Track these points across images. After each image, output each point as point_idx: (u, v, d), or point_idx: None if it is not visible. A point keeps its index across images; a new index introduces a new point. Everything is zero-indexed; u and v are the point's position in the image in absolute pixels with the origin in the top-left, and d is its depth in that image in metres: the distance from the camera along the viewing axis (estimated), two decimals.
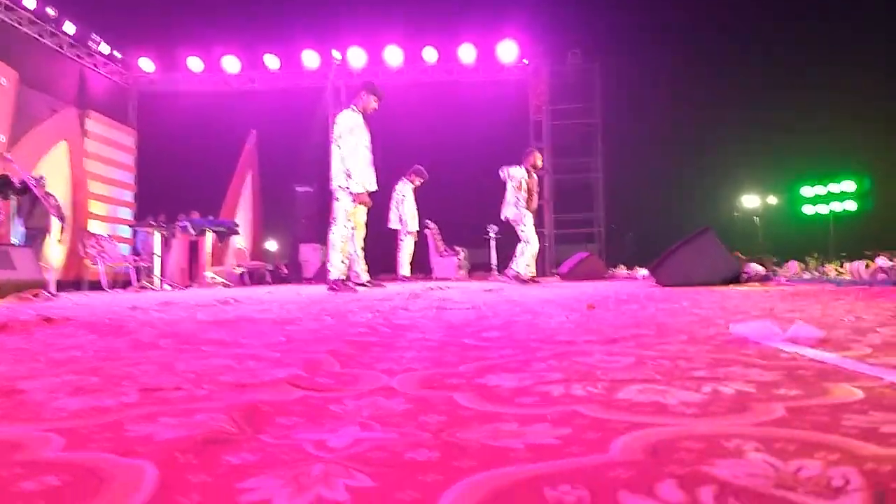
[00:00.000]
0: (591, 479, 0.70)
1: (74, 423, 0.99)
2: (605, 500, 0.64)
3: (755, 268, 6.49)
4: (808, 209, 16.56)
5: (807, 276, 6.17)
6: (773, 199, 17.47)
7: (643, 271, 9.97)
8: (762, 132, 14.63)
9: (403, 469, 0.77)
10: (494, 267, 11.43)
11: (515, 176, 8.48)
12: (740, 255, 7.06)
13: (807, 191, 16.76)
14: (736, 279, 6.09)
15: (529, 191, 8.47)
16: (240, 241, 12.06)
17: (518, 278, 8.38)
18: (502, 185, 8.90)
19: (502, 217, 8.73)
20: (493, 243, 11.31)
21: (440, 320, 2.84)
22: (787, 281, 6.12)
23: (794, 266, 6.38)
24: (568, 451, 0.81)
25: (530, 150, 9.05)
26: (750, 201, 17.46)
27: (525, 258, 8.45)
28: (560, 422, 0.96)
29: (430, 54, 13.73)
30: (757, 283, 6.03)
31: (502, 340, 2.05)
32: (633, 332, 2.18)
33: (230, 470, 0.77)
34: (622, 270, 11.51)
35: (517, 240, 9.02)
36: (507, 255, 11.44)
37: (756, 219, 17.07)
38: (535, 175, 8.64)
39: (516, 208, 8.48)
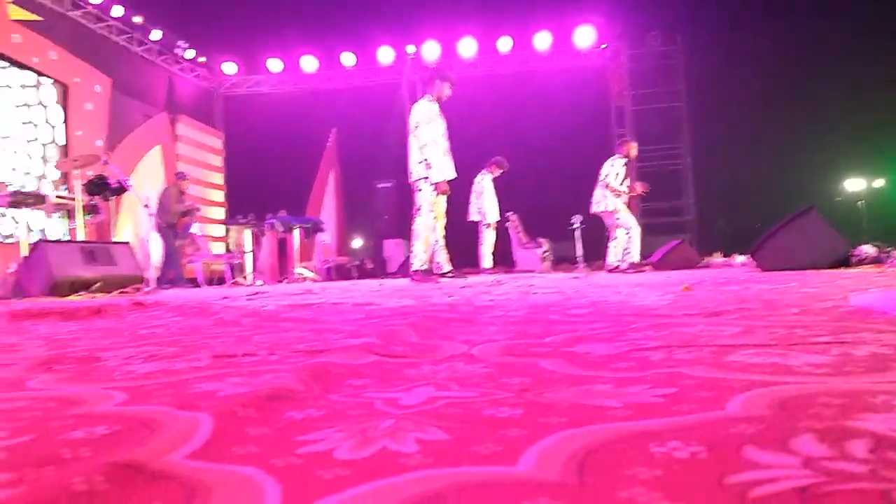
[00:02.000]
0: (707, 435, 0.58)
1: (141, 383, 0.95)
2: (727, 455, 0.52)
3: (866, 249, 5.97)
4: None
5: None
6: (879, 182, 16.20)
7: (741, 258, 9.45)
8: (866, 110, 13.53)
9: (482, 424, 0.67)
10: (580, 259, 11.15)
11: (611, 170, 8.19)
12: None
13: None
14: (845, 261, 5.63)
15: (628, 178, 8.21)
16: (325, 238, 12.31)
17: (633, 266, 8.12)
18: (586, 175, 8.63)
19: (592, 211, 8.48)
20: (577, 234, 11.03)
21: (524, 301, 2.73)
22: None
23: None
24: (676, 410, 0.69)
25: (625, 140, 8.73)
26: (854, 185, 16.23)
27: (634, 245, 8.18)
28: (663, 382, 0.84)
29: (504, 44, 13.53)
30: (869, 266, 5.55)
31: (592, 316, 1.92)
32: (736, 307, 1.99)
33: (292, 424, 0.70)
34: (718, 258, 10.96)
35: (603, 230, 8.73)
36: (593, 245, 11.14)
37: (860, 203, 15.88)
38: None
39: (605, 201, 8.21)
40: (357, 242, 15.29)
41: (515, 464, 0.54)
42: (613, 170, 8.15)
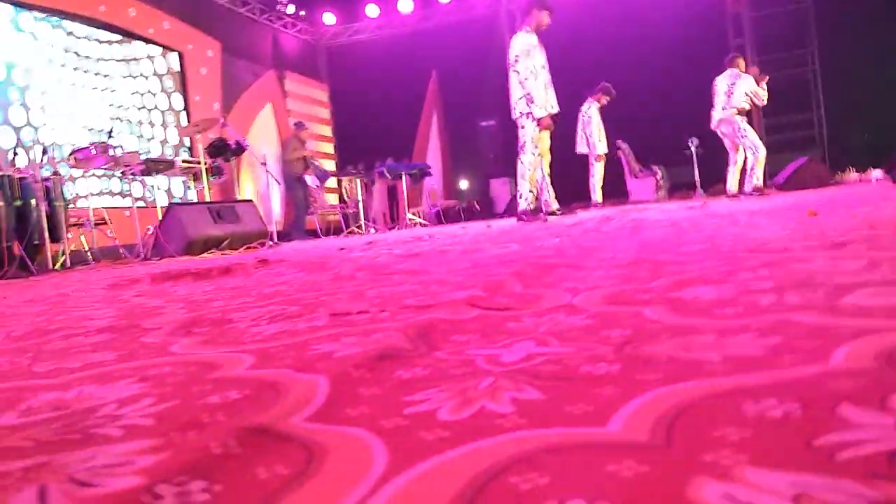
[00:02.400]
0: (804, 391, 0.58)
1: (266, 345, 1.05)
2: (821, 413, 0.52)
3: None
4: None
5: None
6: None
7: (877, 173, 8.68)
8: None
9: (577, 383, 0.70)
10: (698, 185, 10.63)
11: (720, 86, 7.72)
12: None
13: None
14: None
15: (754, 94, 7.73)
16: (433, 182, 12.48)
17: (757, 189, 7.72)
18: (702, 92, 8.15)
19: (713, 127, 8.01)
20: (695, 159, 10.47)
21: (634, 239, 2.68)
22: None
23: None
24: (776, 362, 0.68)
25: (734, 56, 8.15)
26: None
27: (758, 168, 7.77)
28: (768, 331, 0.82)
29: None
30: None
31: (703, 254, 1.87)
32: (864, 234, 1.87)
33: (400, 383, 0.76)
34: (852, 174, 10.12)
35: (722, 152, 8.27)
36: (712, 170, 10.57)
37: None
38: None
39: (729, 117, 7.74)
40: (464, 184, 15.37)
41: (606, 424, 0.56)
42: (745, 86, 7.63)
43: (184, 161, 7.65)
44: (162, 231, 6.10)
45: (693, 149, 10.40)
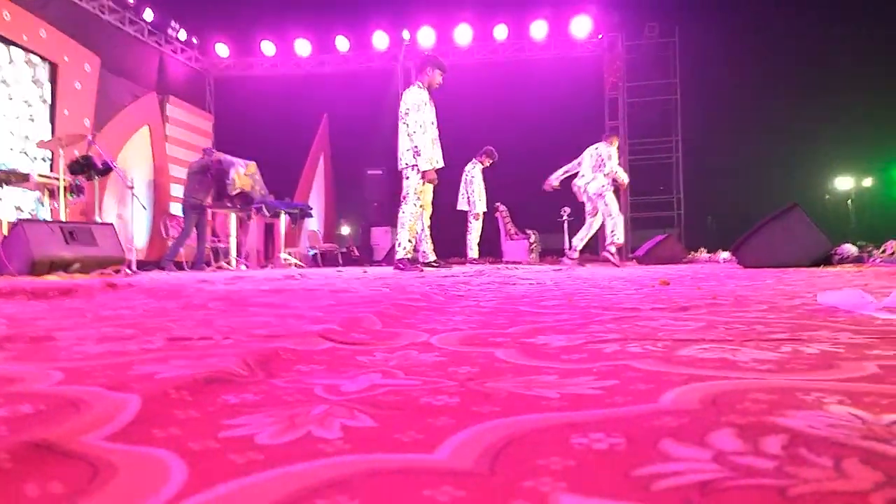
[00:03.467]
0: (630, 428, 0.58)
1: (83, 364, 0.94)
2: (644, 448, 0.52)
3: (848, 248, 6.01)
4: None
5: None
6: (868, 182, 16.34)
7: (725, 255, 9.50)
8: (857, 109, 13.58)
9: (414, 412, 0.67)
10: (567, 251, 11.16)
11: (604, 153, 8.21)
12: None
13: None
14: (827, 260, 5.67)
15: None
16: (313, 224, 12.27)
17: (572, 256, 8.24)
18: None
19: (590, 192, 8.43)
20: (566, 227, 11.02)
21: (500, 292, 2.73)
22: (884, 262, 5.63)
23: (892, 246, 5.87)
24: (610, 402, 0.69)
25: (615, 134, 8.79)
26: (843, 183, 16.34)
27: (587, 235, 8.32)
28: (608, 374, 0.84)
29: (500, 32, 13.48)
30: (851, 265, 5.58)
31: (561, 308, 1.92)
32: (706, 302, 2.00)
33: (224, 408, 0.69)
34: (703, 254, 11.01)
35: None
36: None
37: (849, 202, 15.99)
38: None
39: (601, 182, 8.21)
40: (345, 229, 15.25)
41: (433, 452, 0.53)
42: (613, 159, 8.17)
43: (40, 175, 7.04)
44: (4, 248, 5.52)
45: (565, 217, 10.95)
